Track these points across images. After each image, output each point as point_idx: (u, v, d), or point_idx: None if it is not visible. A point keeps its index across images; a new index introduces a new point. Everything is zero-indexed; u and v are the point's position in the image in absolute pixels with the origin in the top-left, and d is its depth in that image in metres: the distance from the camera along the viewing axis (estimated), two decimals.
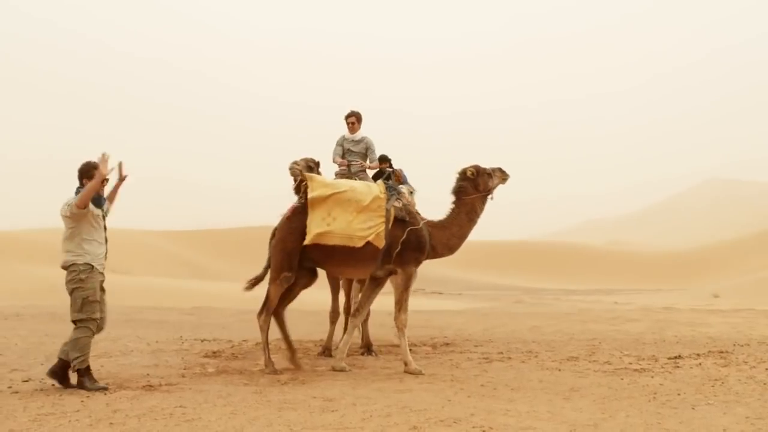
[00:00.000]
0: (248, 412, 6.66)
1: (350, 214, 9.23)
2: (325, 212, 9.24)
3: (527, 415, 6.59)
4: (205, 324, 16.46)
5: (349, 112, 11.59)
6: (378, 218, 9.26)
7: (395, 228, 9.31)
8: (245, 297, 10.62)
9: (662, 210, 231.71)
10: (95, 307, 7.97)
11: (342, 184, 9.59)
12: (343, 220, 9.19)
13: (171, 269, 56.98)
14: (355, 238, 9.16)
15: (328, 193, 9.30)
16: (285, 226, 9.54)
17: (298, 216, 9.42)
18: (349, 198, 9.30)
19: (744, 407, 6.98)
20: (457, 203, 9.78)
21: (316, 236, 9.18)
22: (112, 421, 6.29)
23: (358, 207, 9.25)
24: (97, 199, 8.16)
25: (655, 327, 16.02)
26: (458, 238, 9.77)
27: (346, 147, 11.45)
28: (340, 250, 9.23)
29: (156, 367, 9.49)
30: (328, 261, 9.54)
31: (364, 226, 9.20)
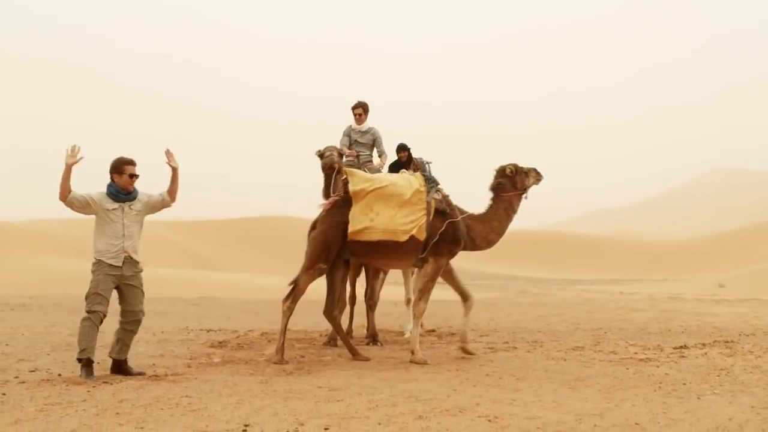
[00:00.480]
0: (254, 402, 6.67)
1: (392, 208, 9.28)
2: (367, 207, 9.29)
3: (533, 404, 6.60)
4: (210, 314, 16.49)
5: (356, 102, 11.56)
6: (419, 211, 9.33)
7: (435, 220, 9.41)
8: (250, 287, 10.66)
9: (668, 200, 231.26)
10: (97, 299, 8.06)
11: (383, 179, 9.63)
12: (386, 215, 9.24)
13: (176, 260, 57.11)
14: (398, 232, 9.23)
15: (370, 189, 9.34)
16: (327, 219, 9.56)
17: (339, 209, 9.46)
18: (391, 193, 9.34)
19: (749, 397, 6.97)
20: (496, 199, 9.93)
21: (360, 232, 9.24)
22: (119, 410, 6.30)
23: (399, 201, 9.31)
24: (115, 193, 8.24)
25: (660, 317, 16.01)
26: (497, 233, 9.92)
27: (353, 138, 11.43)
28: (383, 243, 9.29)
29: (162, 357, 9.52)
30: (370, 254, 9.59)
31: (406, 220, 9.26)
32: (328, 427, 5.75)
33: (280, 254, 68.41)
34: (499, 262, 76.07)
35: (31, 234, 48.22)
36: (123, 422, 5.91)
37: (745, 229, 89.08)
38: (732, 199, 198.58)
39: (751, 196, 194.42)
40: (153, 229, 67.69)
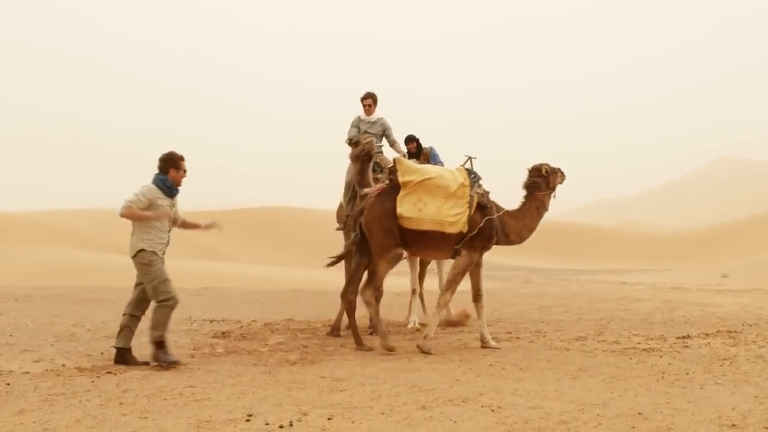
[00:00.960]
0: (257, 392, 6.69)
1: (439, 200, 9.45)
2: (416, 198, 9.44)
3: (536, 394, 6.61)
4: (213, 305, 16.50)
5: (365, 93, 11.52)
6: (464, 205, 9.52)
7: (476, 214, 9.62)
8: (253, 278, 10.67)
9: (671, 190, 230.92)
10: (170, 286, 8.35)
11: (430, 170, 9.72)
12: (433, 206, 9.41)
13: (180, 250, 57.08)
14: (445, 224, 9.40)
15: (418, 179, 9.48)
16: (377, 206, 9.62)
17: (387, 197, 9.57)
18: (438, 184, 9.49)
19: (752, 386, 6.98)
20: (529, 198, 10.13)
21: (410, 220, 9.39)
22: (122, 401, 6.32)
23: (446, 193, 9.48)
24: (170, 188, 8.41)
25: (663, 307, 16.00)
26: (528, 230, 10.14)
27: (362, 129, 11.39)
28: (429, 234, 9.45)
29: None
30: (415, 244, 9.70)
31: (452, 213, 9.44)
32: (331, 416, 5.76)
33: (282, 245, 68.45)
34: (502, 252, 76.00)
35: (33, 225, 48.20)
36: (127, 412, 5.92)
37: (748, 219, 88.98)
38: (736, 189, 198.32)
39: (756, 186, 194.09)
40: None
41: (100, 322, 12.32)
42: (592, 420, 5.64)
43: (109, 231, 55.00)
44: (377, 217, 9.52)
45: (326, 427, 5.49)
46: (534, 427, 5.45)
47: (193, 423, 5.59)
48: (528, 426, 5.48)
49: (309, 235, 70.93)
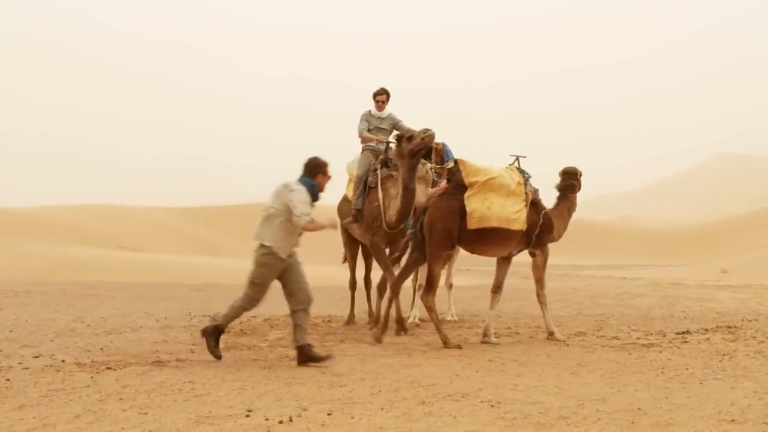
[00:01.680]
0: (257, 387, 6.69)
1: (503, 198, 9.66)
2: (482, 197, 9.55)
3: (535, 389, 6.61)
4: (213, 300, 16.49)
5: (379, 89, 11.42)
6: (522, 202, 9.82)
7: (531, 211, 9.95)
8: None
9: (672, 185, 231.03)
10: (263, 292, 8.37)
11: (492, 170, 9.83)
12: (499, 205, 9.59)
13: (181, 246, 57.11)
14: (510, 221, 9.65)
15: (483, 179, 9.60)
16: (442, 205, 9.63)
17: (452, 196, 9.61)
18: (501, 183, 9.69)
19: (752, 382, 6.98)
20: (563, 199, 10.65)
21: (478, 219, 9.49)
22: (122, 396, 6.32)
23: (507, 192, 9.72)
24: (317, 194, 8.31)
25: (663, 302, 16.02)
26: (564, 229, 10.60)
27: (372, 124, 11.33)
28: (492, 231, 9.62)
29: (165, 343, 9.54)
30: (477, 242, 9.80)
31: (513, 210, 9.71)
32: (330, 412, 5.76)
33: None
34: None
35: (33, 220, 48.18)
36: (126, 408, 5.93)
37: (748, 214, 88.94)
38: (736, 185, 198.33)
39: (756, 181, 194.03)
40: (158, 216, 67.81)
41: (99, 317, 12.33)
42: (591, 415, 5.65)
43: (109, 226, 54.99)
44: (441, 217, 9.53)
45: (326, 422, 5.49)
46: (533, 423, 5.45)
47: (193, 418, 5.59)
48: (527, 421, 5.49)
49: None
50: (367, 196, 10.87)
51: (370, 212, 10.76)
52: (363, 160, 11.14)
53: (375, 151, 11.14)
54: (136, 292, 18.20)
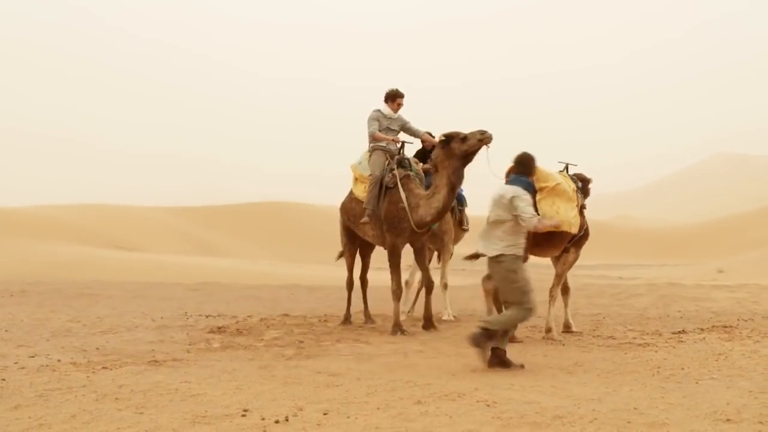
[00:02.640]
0: (253, 387, 6.69)
1: (565, 203, 10.10)
2: (550, 201, 9.97)
3: (531, 389, 6.61)
4: (210, 300, 16.51)
5: (400, 92, 11.39)
6: (575, 207, 10.29)
7: (581, 216, 10.56)
8: (250, 273, 10.68)
9: (670, 184, 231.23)
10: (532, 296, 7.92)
11: (555, 176, 10.23)
12: (564, 209, 10.01)
13: (178, 245, 57.10)
14: (572, 225, 10.11)
15: (552, 185, 10.02)
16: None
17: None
18: (564, 189, 10.13)
19: (747, 381, 6.99)
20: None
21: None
22: (118, 396, 6.32)
23: (567, 197, 10.15)
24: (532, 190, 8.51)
25: (659, 302, 16.03)
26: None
27: (384, 124, 11.31)
28: (555, 234, 10.01)
29: (161, 343, 9.53)
30: (543, 243, 10.17)
31: (573, 214, 10.14)
32: (326, 412, 5.76)
33: (280, 239, 68.44)
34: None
35: (29, 219, 48.15)
36: (122, 407, 5.92)
37: (744, 214, 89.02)
38: (732, 184, 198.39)
39: (752, 181, 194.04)
40: (156, 215, 67.76)
41: (95, 317, 12.33)
42: (587, 415, 5.65)
43: (107, 226, 54.93)
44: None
45: (322, 422, 5.49)
46: (529, 422, 5.45)
47: (189, 418, 5.59)
48: (523, 421, 5.49)
49: (305, 230, 70.93)
50: (384, 197, 10.83)
51: (394, 214, 10.67)
52: (377, 160, 11.07)
53: (387, 150, 11.12)
54: (132, 292, 18.21)
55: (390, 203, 10.71)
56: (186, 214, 72.96)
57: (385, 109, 11.33)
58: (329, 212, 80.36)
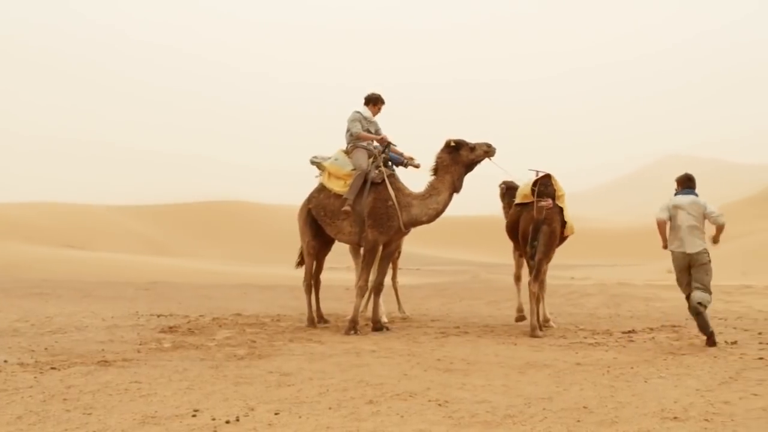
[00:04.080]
0: (204, 387, 6.64)
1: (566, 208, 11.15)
2: (565, 207, 11.12)
3: (483, 388, 6.64)
4: (161, 299, 16.36)
5: (383, 98, 11.53)
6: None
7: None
8: (202, 272, 10.61)
9: (621, 186, 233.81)
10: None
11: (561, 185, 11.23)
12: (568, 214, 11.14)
13: (129, 244, 56.50)
14: (573, 228, 11.37)
15: (563, 193, 11.12)
16: (555, 216, 10.92)
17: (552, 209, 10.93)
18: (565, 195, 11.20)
19: (695, 380, 7.09)
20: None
21: (572, 227, 11.30)
22: (66, 396, 6.23)
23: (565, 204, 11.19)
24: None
25: (610, 302, 16.21)
26: None
27: (364, 126, 11.33)
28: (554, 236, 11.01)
29: (111, 343, 9.42)
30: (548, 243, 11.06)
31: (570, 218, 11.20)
32: (278, 411, 5.74)
33: (232, 239, 68.03)
34: (452, 247, 76.45)
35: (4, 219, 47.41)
36: (70, 408, 5.84)
37: None
38: None
39: (702, 183, 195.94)
40: (106, 214, 66.97)
41: (44, 317, 12.15)
42: (538, 414, 5.69)
43: (55, 224, 54.21)
44: (555, 229, 10.93)
45: (273, 422, 5.46)
46: (481, 421, 5.47)
47: (138, 418, 5.53)
48: (475, 420, 5.51)
49: (258, 230, 70.61)
50: (369, 193, 10.81)
51: (382, 211, 10.72)
52: (360, 156, 11.08)
53: (368, 150, 11.13)
54: (82, 291, 17.98)
55: (377, 200, 10.75)
56: (136, 213, 72.25)
57: (366, 111, 11.41)
58: (281, 212, 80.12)
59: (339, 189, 11.14)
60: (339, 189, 11.14)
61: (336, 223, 11.11)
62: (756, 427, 5.30)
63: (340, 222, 11.04)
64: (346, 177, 11.11)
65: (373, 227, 10.73)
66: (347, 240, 11.30)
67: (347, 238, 11.21)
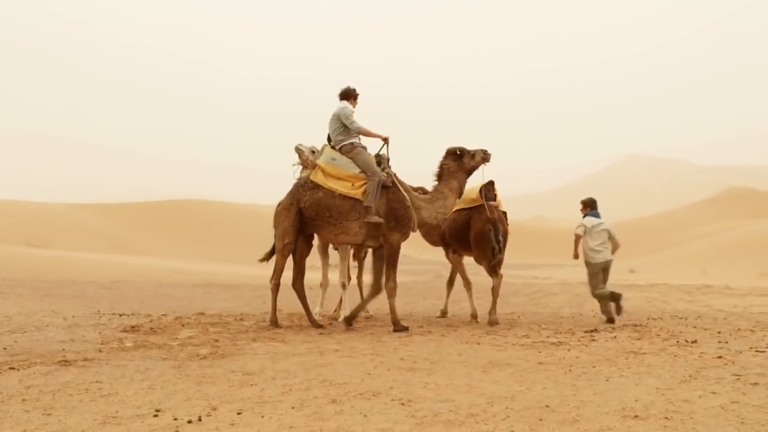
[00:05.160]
0: (166, 387, 6.59)
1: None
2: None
3: (446, 387, 6.65)
4: (123, 298, 16.23)
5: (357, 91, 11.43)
6: None
7: None
8: (164, 271, 10.54)
9: (584, 186, 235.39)
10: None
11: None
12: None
13: (90, 243, 55.96)
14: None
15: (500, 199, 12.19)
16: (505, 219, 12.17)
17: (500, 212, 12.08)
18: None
19: (655, 378, 7.15)
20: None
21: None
22: (25, 397, 6.16)
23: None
24: None
25: (573, 301, 16.33)
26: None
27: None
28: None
29: (72, 342, 9.32)
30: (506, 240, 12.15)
31: None
32: (241, 411, 5.71)
33: (194, 238, 67.63)
34: (416, 247, 76.55)
35: None
36: (30, 409, 5.77)
37: (656, 215, 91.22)
38: (645, 187, 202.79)
39: (664, 185, 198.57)
40: (67, 212, 66.28)
41: (3, 316, 12.01)
42: (500, 413, 5.71)
43: (15, 222, 53.56)
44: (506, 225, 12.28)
45: (236, 421, 5.43)
46: (443, 420, 5.48)
47: (99, 419, 5.48)
48: (437, 419, 5.52)
49: (220, 228, 70.26)
50: (381, 195, 10.85)
51: (401, 212, 10.91)
52: (368, 158, 11.01)
53: (365, 148, 11.11)
54: (43, 290, 17.78)
55: (393, 201, 10.90)
56: (96, 211, 71.58)
57: (353, 107, 11.26)
58: (243, 210, 79.80)
59: (346, 191, 10.93)
60: (346, 191, 10.93)
61: (343, 223, 10.93)
62: (714, 425, 5.36)
63: (348, 223, 10.91)
64: (353, 179, 10.95)
65: (396, 229, 10.92)
66: (349, 240, 11.15)
67: (350, 238, 11.07)
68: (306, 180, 11.24)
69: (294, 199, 11.18)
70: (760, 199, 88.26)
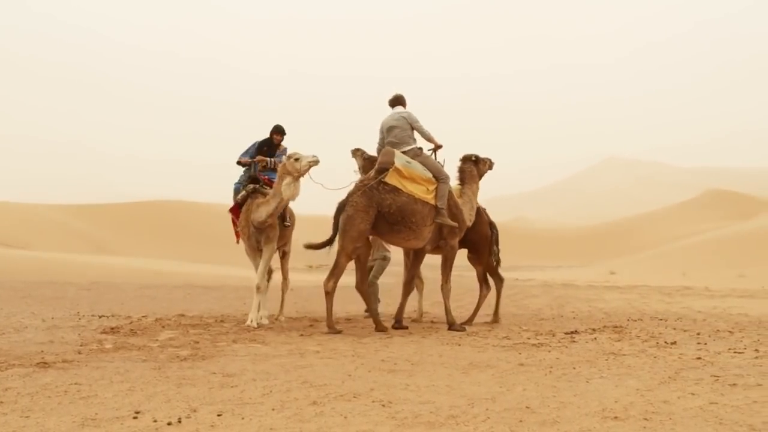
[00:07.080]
0: (146, 389, 6.56)
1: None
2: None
3: (426, 389, 6.65)
4: (103, 299, 16.14)
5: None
6: None
7: None
8: (145, 272, 10.51)
9: (564, 187, 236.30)
10: None
11: None
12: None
13: (68, 243, 55.65)
14: None
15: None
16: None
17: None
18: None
19: (635, 380, 7.18)
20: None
21: None
22: (3, 399, 6.10)
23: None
24: None
25: (553, 303, 16.38)
26: None
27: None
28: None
29: (51, 344, 9.26)
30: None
31: None
32: (221, 413, 5.69)
33: (174, 239, 67.40)
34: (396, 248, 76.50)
35: None
36: (7, 411, 5.72)
37: (635, 217, 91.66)
38: (625, 189, 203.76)
39: (643, 187, 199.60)
40: (46, 213, 65.87)
41: None
42: (481, 414, 5.71)
43: None
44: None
45: (216, 423, 5.41)
46: (424, 422, 5.48)
47: (78, 421, 5.44)
48: (418, 420, 5.52)
49: (201, 229, 70.04)
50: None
51: (459, 216, 11.43)
52: (434, 163, 11.35)
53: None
54: (21, 291, 17.67)
55: (452, 205, 11.34)
56: (77, 212, 71.17)
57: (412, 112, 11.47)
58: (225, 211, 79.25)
59: (422, 195, 10.89)
60: (422, 195, 10.89)
61: (420, 229, 10.93)
62: (693, 426, 5.38)
63: (424, 228, 10.98)
64: (427, 183, 10.97)
65: (453, 233, 11.39)
66: (416, 245, 11.34)
67: (420, 243, 11.26)
68: (379, 182, 10.76)
69: (373, 202, 10.70)
70: (739, 200, 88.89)
